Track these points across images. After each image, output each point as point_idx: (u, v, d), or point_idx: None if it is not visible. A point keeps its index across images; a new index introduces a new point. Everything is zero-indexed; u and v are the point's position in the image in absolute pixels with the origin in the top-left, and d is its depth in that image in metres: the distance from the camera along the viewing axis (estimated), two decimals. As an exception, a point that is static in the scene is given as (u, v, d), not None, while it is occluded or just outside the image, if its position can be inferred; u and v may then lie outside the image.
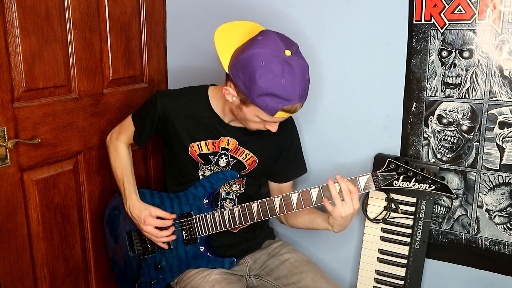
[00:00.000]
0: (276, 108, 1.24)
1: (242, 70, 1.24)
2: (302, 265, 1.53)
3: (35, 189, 1.43)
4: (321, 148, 1.71)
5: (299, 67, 1.24)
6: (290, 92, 1.23)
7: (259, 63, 1.21)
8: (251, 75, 1.22)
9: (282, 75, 1.21)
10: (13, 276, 1.40)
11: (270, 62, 1.21)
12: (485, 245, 1.52)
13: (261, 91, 1.22)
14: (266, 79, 1.21)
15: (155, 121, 1.49)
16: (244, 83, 1.25)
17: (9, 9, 1.29)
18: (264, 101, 1.24)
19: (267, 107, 1.24)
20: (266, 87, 1.21)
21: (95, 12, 1.55)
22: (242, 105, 1.31)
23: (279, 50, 1.23)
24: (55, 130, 1.46)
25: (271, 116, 1.27)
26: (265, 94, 1.22)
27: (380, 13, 1.53)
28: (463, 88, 1.47)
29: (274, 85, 1.21)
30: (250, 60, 1.22)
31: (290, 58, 1.23)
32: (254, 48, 1.23)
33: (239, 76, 1.25)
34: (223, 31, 1.33)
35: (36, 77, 1.38)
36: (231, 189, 1.52)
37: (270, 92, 1.22)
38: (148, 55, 1.82)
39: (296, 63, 1.23)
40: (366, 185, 1.33)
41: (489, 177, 1.49)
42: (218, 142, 1.47)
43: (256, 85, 1.22)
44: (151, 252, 1.53)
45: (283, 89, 1.22)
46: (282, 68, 1.21)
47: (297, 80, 1.22)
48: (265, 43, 1.24)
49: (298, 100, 1.25)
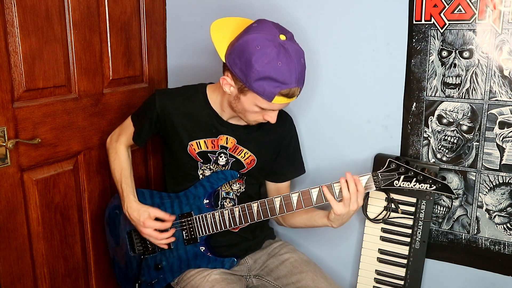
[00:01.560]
0: (274, 92, 1.24)
1: (238, 56, 1.25)
2: (302, 265, 1.53)
3: (35, 189, 1.43)
4: (320, 148, 1.71)
5: (295, 51, 1.25)
6: (287, 75, 1.23)
7: (255, 47, 1.22)
8: (247, 60, 1.23)
9: (278, 58, 1.21)
10: (13, 276, 1.40)
11: (265, 45, 1.22)
12: (485, 245, 1.52)
13: (258, 75, 1.22)
14: (262, 62, 1.21)
15: (154, 120, 1.49)
16: (241, 69, 1.25)
17: (9, 9, 1.29)
18: (261, 86, 1.24)
19: (265, 91, 1.24)
20: (262, 70, 1.22)
21: (95, 12, 1.55)
22: (240, 94, 1.31)
23: (274, 35, 1.24)
24: (55, 130, 1.46)
25: (269, 102, 1.27)
26: (262, 78, 1.23)
27: (380, 13, 1.53)
28: (463, 88, 1.47)
29: (271, 68, 1.21)
30: (246, 45, 1.24)
31: (285, 42, 1.24)
32: (249, 34, 1.25)
33: (236, 62, 1.26)
34: (219, 24, 1.35)
35: (36, 77, 1.38)
36: (231, 188, 1.52)
37: (267, 76, 1.22)
38: (148, 55, 1.82)
39: (291, 47, 1.24)
40: (366, 185, 1.33)
41: (489, 177, 1.49)
42: (217, 140, 1.48)
43: (252, 69, 1.22)
44: (152, 252, 1.53)
45: (279, 72, 1.22)
46: (277, 51, 1.22)
47: (293, 63, 1.23)
48: (260, 28, 1.26)
49: (295, 84, 1.25)
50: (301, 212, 1.48)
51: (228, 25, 1.35)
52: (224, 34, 1.32)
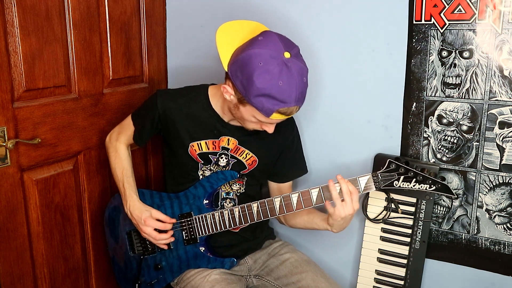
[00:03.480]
0: (272, 109, 1.24)
1: (240, 69, 1.24)
2: (302, 265, 1.53)
3: (35, 189, 1.43)
4: (321, 148, 1.71)
5: (298, 69, 1.23)
6: (287, 95, 1.22)
7: (258, 64, 1.21)
8: (249, 75, 1.22)
9: (279, 77, 1.21)
10: (13, 276, 1.40)
11: (268, 63, 1.21)
12: (485, 245, 1.52)
13: (258, 91, 1.22)
14: (263, 80, 1.21)
15: (155, 120, 1.49)
16: (242, 83, 1.25)
17: (9, 9, 1.29)
18: (260, 102, 1.23)
19: (263, 108, 1.24)
20: (263, 87, 1.21)
21: (95, 12, 1.55)
22: (239, 104, 1.31)
23: (278, 51, 1.23)
24: (55, 130, 1.46)
25: (267, 117, 1.27)
26: (261, 95, 1.22)
27: (380, 13, 1.53)
28: (463, 88, 1.47)
29: (271, 86, 1.21)
30: (249, 60, 1.22)
31: (289, 60, 1.22)
32: (253, 48, 1.23)
33: (237, 75, 1.25)
34: (226, 29, 1.33)
35: (36, 77, 1.38)
36: (231, 188, 1.52)
37: (267, 93, 1.22)
38: (148, 55, 1.82)
39: (295, 65, 1.23)
40: (366, 186, 1.33)
41: (489, 177, 1.49)
42: (218, 142, 1.47)
43: (253, 86, 1.22)
44: (151, 252, 1.53)
45: (280, 91, 1.21)
46: (280, 70, 1.21)
47: (294, 82, 1.22)
48: (265, 44, 1.24)
49: (294, 103, 1.24)
50: (302, 214, 1.48)
51: (235, 30, 1.33)
52: (230, 41, 1.31)
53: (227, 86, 1.31)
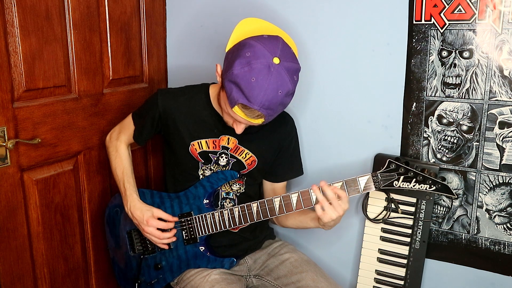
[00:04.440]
0: (236, 100, 1.22)
1: (232, 51, 1.26)
2: (302, 264, 1.53)
3: (35, 189, 1.43)
4: (320, 148, 1.71)
5: (278, 79, 1.20)
6: (254, 94, 1.19)
7: (245, 53, 1.22)
8: (233, 59, 1.23)
9: (255, 74, 1.19)
10: (13, 276, 1.40)
11: (255, 57, 1.20)
12: (485, 245, 1.52)
13: (231, 77, 1.22)
14: (242, 69, 1.20)
15: (156, 119, 1.49)
16: (226, 64, 1.26)
17: (9, 9, 1.29)
18: (230, 88, 1.23)
19: (230, 95, 1.24)
20: (236, 74, 1.21)
21: (95, 12, 1.55)
22: (221, 89, 1.32)
23: (271, 53, 1.21)
24: (55, 130, 1.46)
25: (231, 107, 1.26)
26: (233, 82, 1.22)
27: (380, 13, 1.53)
28: (463, 88, 1.47)
29: (244, 78, 1.20)
30: (242, 47, 1.24)
31: (275, 66, 1.20)
32: (253, 40, 1.25)
33: (227, 56, 1.28)
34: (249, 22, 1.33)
35: (36, 77, 1.38)
36: (231, 188, 1.52)
37: (237, 82, 1.21)
38: (148, 55, 1.82)
39: (277, 73, 1.20)
40: (366, 186, 1.33)
41: (489, 177, 1.49)
42: (218, 141, 1.48)
43: (231, 69, 1.22)
44: (151, 252, 1.53)
45: (249, 86, 1.19)
46: (260, 69, 1.19)
47: (265, 86, 1.19)
48: (266, 41, 1.24)
49: (257, 106, 1.21)
50: (294, 214, 1.47)
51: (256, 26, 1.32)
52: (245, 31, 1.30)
53: (218, 65, 1.33)
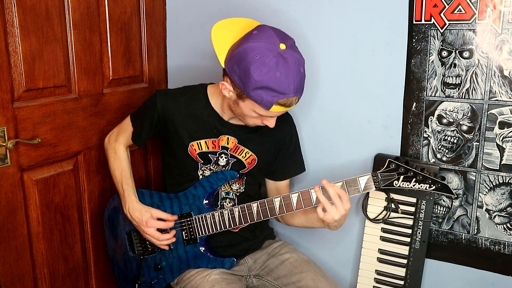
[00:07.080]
0: (271, 101, 1.24)
1: (237, 64, 1.25)
2: (302, 264, 1.53)
3: (35, 189, 1.43)
4: (320, 148, 1.71)
5: (294, 60, 1.23)
6: (285, 86, 1.22)
7: (254, 57, 1.21)
8: (245, 68, 1.22)
9: (276, 68, 1.21)
10: (13, 276, 1.40)
11: (264, 55, 1.21)
12: (485, 245, 1.52)
13: (256, 84, 1.22)
14: (261, 72, 1.21)
15: (154, 120, 1.49)
16: (239, 77, 1.25)
17: (9, 9, 1.29)
18: (259, 95, 1.24)
19: (262, 100, 1.24)
20: (260, 80, 1.21)
21: (95, 12, 1.55)
22: (239, 100, 1.31)
23: (273, 43, 1.23)
24: (55, 130, 1.46)
25: (267, 110, 1.27)
26: (259, 88, 1.22)
27: (380, 13, 1.53)
28: (463, 88, 1.47)
29: (269, 78, 1.21)
30: (245, 53, 1.23)
31: (285, 51, 1.23)
32: (248, 42, 1.24)
33: (234, 70, 1.26)
34: (220, 27, 1.33)
35: (36, 77, 1.38)
36: (231, 188, 1.52)
37: (265, 86, 1.22)
38: (148, 55, 1.82)
39: (291, 56, 1.23)
40: (366, 185, 1.33)
41: (489, 177, 1.49)
42: (217, 141, 1.48)
43: (250, 79, 1.22)
44: (151, 252, 1.53)
45: (277, 83, 1.22)
46: (276, 62, 1.21)
47: (291, 73, 1.22)
48: (260, 37, 1.25)
49: (293, 94, 1.24)
50: (299, 213, 1.48)
51: (229, 27, 1.34)
52: (225, 38, 1.31)
53: (225, 83, 1.32)
